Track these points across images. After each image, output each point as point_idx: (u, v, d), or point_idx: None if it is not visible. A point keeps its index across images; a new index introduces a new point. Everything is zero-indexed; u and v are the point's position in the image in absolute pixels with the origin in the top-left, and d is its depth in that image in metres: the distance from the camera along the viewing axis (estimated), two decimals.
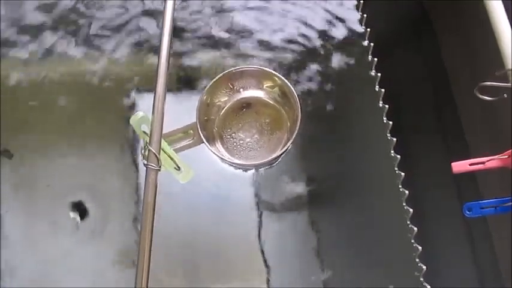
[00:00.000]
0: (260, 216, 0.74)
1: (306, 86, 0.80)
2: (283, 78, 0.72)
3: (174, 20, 0.62)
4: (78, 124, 0.79)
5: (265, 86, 0.76)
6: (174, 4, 0.62)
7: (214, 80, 0.72)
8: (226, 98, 0.76)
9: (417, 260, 0.69)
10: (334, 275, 0.71)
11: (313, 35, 0.84)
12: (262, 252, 0.72)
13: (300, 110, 0.70)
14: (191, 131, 0.69)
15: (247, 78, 0.75)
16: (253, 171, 0.76)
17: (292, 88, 0.71)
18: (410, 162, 0.75)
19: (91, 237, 0.73)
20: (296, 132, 0.69)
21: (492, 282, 0.74)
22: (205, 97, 0.72)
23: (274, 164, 0.75)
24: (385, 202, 0.74)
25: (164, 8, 0.61)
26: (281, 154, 0.72)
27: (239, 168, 0.75)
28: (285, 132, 0.74)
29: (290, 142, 0.69)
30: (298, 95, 0.71)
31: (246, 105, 0.76)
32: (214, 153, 0.70)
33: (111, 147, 0.78)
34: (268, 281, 0.71)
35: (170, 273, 0.71)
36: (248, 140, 0.75)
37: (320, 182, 0.76)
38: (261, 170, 0.76)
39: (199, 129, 0.68)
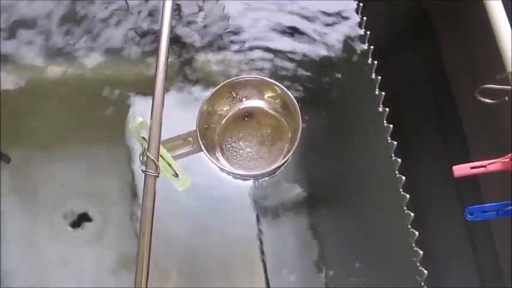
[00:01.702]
0: (260, 219, 0.74)
1: (306, 91, 0.80)
2: (284, 88, 0.72)
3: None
4: (77, 129, 0.79)
5: (266, 96, 0.75)
6: (173, 6, 0.62)
7: (215, 89, 0.72)
8: (227, 107, 0.75)
9: (418, 264, 0.68)
10: (335, 278, 0.71)
11: (312, 38, 0.84)
12: (262, 255, 0.72)
13: (301, 120, 0.69)
14: (190, 139, 0.68)
15: (249, 87, 0.74)
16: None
17: (293, 98, 0.71)
18: (411, 166, 0.74)
19: (90, 241, 0.73)
20: (297, 143, 0.69)
21: (493, 286, 0.74)
22: (205, 107, 0.71)
23: (274, 175, 0.75)
24: (386, 206, 0.74)
25: (162, 9, 0.61)
26: (281, 165, 0.71)
27: (238, 179, 0.75)
28: (285, 142, 0.74)
29: (290, 153, 0.69)
30: (298, 102, 0.71)
31: (248, 114, 0.76)
32: (213, 162, 0.69)
33: (110, 152, 0.78)
34: (268, 283, 0.71)
35: (170, 277, 0.71)
36: (248, 150, 0.74)
37: (321, 186, 0.75)
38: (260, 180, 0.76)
39: (198, 138, 0.68)
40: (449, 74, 0.88)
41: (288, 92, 0.71)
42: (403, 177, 0.72)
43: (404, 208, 0.71)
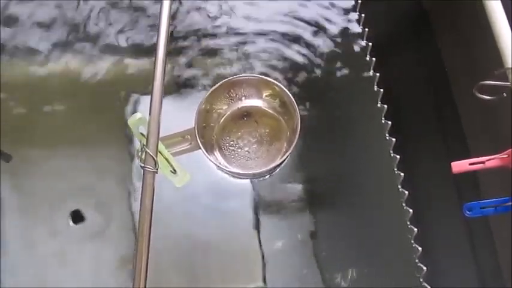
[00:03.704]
0: (259, 218, 0.74)
1: (303, 88, 0.80)
2: (282, 87, 0.72)
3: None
4: (77, 126, 0.79)
5: (265, 95, 0.75)
6: (171, 5, 0.62)
7: (213, 88, 0.72)
8: (226, 106, 0.76)
9: (417, 260, 0.68)
10: (334, 276, 0.71)
11: (310, 35, 0.84)
12: (261, 253, 0.72)
13: (299, 121, 0.69)
14: (188, 136, 0.68)
15: (247, 86, 0.75)
16: None
17: (292, 97, 0.71)
18: (410, 163, 0.74)
19: (90, 240, 0.73)
20: (295, 143, 0.69)
21: (493, 283, 0.74)
22: (203, 105, 0.72)
23: (271, 174, 0.75)
24: (384, 203, 0.74)
25: (160, 8, 0.61)
26: (278, 165, 0.71)
27: (235, 177, 0.75)
28: (283, 142, 0.74)
29: (288, 154, 0.69)
30: (296, 99, 0.71)
31: (247, 114, 0.76)
32: (210, 160, 0.69)
33: (110, 149, 0.78)
34: (266, 282, 0.71)
35: (168, 275, 0.71)
36: (246, 149, 0.75)
37: (319, 182, 0.75)
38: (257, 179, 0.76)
39: (197, 136, 0.68)
40: (449, 73, 0.88)
41: (287, 90, 0.72)
42: (402, 174, 0.72)
43: (403, 205, 0.71)
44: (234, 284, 0.71)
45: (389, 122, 0.75)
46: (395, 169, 0.73)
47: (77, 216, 0.74)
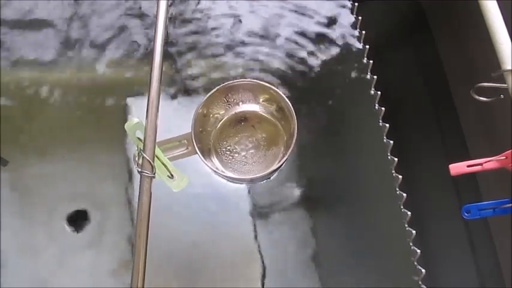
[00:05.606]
0: (257, 221, 0.73)
1: (301, 91, 0.80)
2: (279, 91, 0.72)
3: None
4: (76, 131, 0.79)
5: (262, 100, 0.75)
6: (168, 6, 0.62)
7: (210, 93, 0.72)
8: (223, 111, 0.75)
9: (416, 263, 0.68)
10: (332, 279, 0.70)
11: (307, 38, 0.84)
12: (260, 257, 0.72)
13: (296, 126, 0.69)
14: (185, 141, 0.68)
15: (244, 91, 0.74)
16: None
17: (289, 103, 0.71)
18: (408, 165, 0.74)
19: (89, 244, 0.73)
20: (291, 148, 0.69)
21: (493, 285, 0.74)
22: (200, 110, 0.71)
23: (269, 179, 0.75)
24: (382, 205, 0.73)
25: (157, 9, 0.61)
26: (275, 170, 0.71)
27: (232, 182, 0.75)
28: (281, 147, 0.74)
29: (285, 159, 0.69)
30: (293, 103, 0.71)
31: (244, 118, 0.76)
32: (207, 165, 0.69)
33: (108, 154, 0.78)
34: (264, 284, 0.71)
35: (167, 279, 0.71)
36: (243, 154, 0.74)
37: (317, 185, 0.75)
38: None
39: (193, 141, 0.68)
40: (447, 74, 0.88)
41: (283, 95, 0.71)
42: (400, 176, 0.71)
43: (401, 207, 0.70)
44: (233, 286, 0.71)
45: (387, 125, 0.75)
46: (394, 171, 0.73)
47: (76, 220, 0.74)
